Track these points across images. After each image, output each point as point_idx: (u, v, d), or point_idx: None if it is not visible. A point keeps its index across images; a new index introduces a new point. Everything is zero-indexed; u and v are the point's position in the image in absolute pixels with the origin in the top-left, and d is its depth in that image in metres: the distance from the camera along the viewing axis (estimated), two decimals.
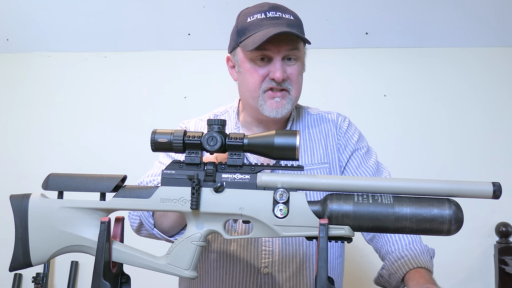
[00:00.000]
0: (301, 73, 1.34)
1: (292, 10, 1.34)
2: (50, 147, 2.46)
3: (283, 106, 1.30)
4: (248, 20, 1.29)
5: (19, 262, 0.99)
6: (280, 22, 1.27)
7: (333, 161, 1.37)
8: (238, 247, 1.30)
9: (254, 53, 1.28)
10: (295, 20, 1.31)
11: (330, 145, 1.39)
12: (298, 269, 1.30)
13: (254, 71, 1.29)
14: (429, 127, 2.37)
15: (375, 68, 2.40)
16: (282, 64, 1.28)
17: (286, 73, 1.28)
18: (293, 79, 1.30)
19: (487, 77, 2.37)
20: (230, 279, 1.30)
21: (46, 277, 2.26)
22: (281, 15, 1.29)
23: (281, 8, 1.31)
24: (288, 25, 1.27)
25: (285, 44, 1.27)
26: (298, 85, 1.33)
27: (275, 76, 1.26)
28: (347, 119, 1.45)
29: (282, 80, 1.27)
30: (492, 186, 0.94)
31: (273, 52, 1.27)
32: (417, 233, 0.95)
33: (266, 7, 1.30)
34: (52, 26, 2.42)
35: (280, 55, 1.27)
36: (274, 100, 1.29)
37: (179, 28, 2.40)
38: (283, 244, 1.30)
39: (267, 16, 1.28)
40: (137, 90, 2.47)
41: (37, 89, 2.51)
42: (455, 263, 2.28)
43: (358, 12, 2.31)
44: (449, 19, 2.31)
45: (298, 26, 1.30)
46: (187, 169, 0.98)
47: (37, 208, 0.98)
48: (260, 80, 1.29)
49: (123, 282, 1.04)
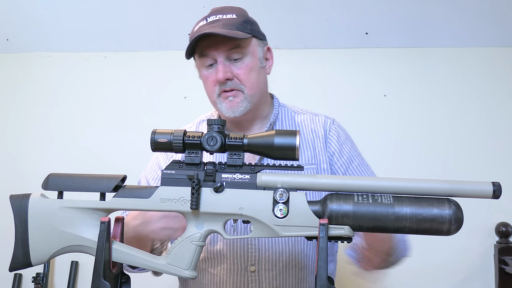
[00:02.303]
0: (253, 70, 1.32)
1: (241, 8, 1.35)
2: (50, 147, 2.46)
3: (237, 105, 1.31)
4: (194, 29, 1.32)
5: (19, 262, 0.99)
6: (216, 25, 1.28)
7: (321, 162, 1.37)
8: (225, 245, 1.30)
9: (201, 60, 1.31)
10: (237, 18, 1.30)
11: (318, 147, 1.39)
12: (285, 267, 1.31)
13: (206, 78, 1.33)
14: (429, 127, 2.37)
15: (375, 68, 2.40)
16: (227, 64, 1.29)
17: (232, 73, 1.30)
18: (241, 78, 1.30)
19: (487, 77, 2.37)
20: (217, 277, 1.31)
21: (46, 277, 2.26)
22: (221, 17, 1.30)
23: (224, 10, 1.32)
24: (225, 25, 1.27)
25: (222, 45, 1.28)
26: (250, 82, 1.31)
27: (217, 77, 1.29)
28: (335, 122, 1.45)
29: (226, 80, 1.29)
30: (492, 186, 0.94)
31: (213, 54, 1.29)
32: (417, 233, 0.95)
33: (210, 13, 1.33)
34: (52, 26, 2.42)
35: (221, 56, 1.28)
36: (228, 100, 1.31)
37: (179, 28, 2.39)
38: (270, 242, 1.30)
39: (207, 21, 1.30)
40: (137, 90, 2.47)
41: (37, 89, 2.51)
42: (455, 263, 2.28)
43: (358, 12, 2.31)
44: (449, 19, 2.31)
45: (239, 24, 1.29)
46: (187, 169, 0.98)
47: (37, 208, 0.98)
48: (212, 85, 1.32)
49: (123, 282, 1.04)
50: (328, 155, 1.39)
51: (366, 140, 2.11)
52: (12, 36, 2.48)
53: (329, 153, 1.39)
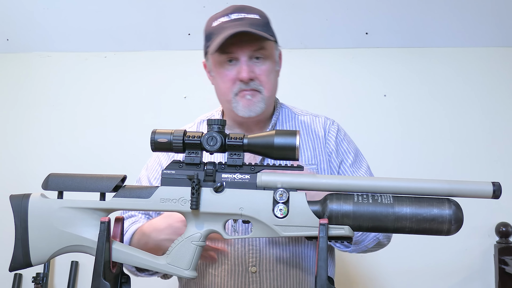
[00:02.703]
0: (272, 72, 1.33)
1: (260, 10, 1.34)
2: (50, 147, 2.46)
3: (255, 104, 1.30)
4: (213, 25, 1.31)
5: (19, 262, 0.99)
6: (242, 23, 1.27)
7: (321, 163, 1.37)
8: (226, 246, 1.30)
9: (221, 56, 1.29)
10: (261, 19, 1.30)
11: (318, 147, 1.39)
12: (286, 269, 1.31)
13: (224, 75, 1.31)
14: (429, 127, 2.37)
15: (375, 68, 2.40)
16: (250, 64, 1.29)
17: (254, 73, 1.29)
18: (262, 79, 1.30)
19: (487, 77, 2.37)
20: (218, 278, 1.31)
21: (46, 277, 2.26)
22: (245, 16, 1.29)
23: (246, 9, 1.31)
24: (251, 24, 1.27)
25: (248, 45, 1.27)
26: (269, 84, 1.32)
27: (241, 76, 1.27)
28: (335, 123, 1.45)
29: (249, 80, 1.28)
30: (492, 186, 0.94)
31: (238, 53, 1.28)
32: (417, 233, 0.95)
33: (231, 10, 1.31)
34: (52, 26, 2.42)
35: (245, 55, 1.28)
36: (246, 98, 1.30)
37: (179, 28, 2.39)
38: (271, 244, 1.30)
39: (231, 19, 1.28)
40: (137, 90, 2.47)
41: (37, 89, 2.50)
42: (455, 263, 2.28)
43: (358, 12, 2.31)
44: (449, 19, 2.31)
45: (263, 25, 1.30)
46: (187, 169, 0.98)
47: (37, 208, 0.98)
48: (230, 83, 1.30)
49: (123, 282, 1.04)
50: (327, 155, 1.39)
51: (366, 140, 2.11)
52: (12, 36, 2.48)
53: (328, 153, 1.39)
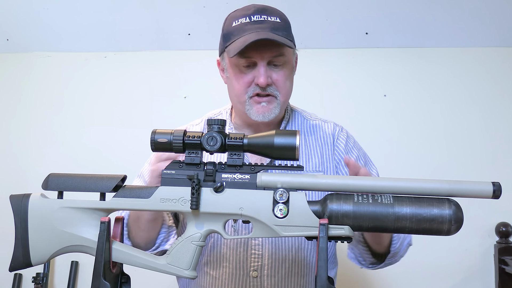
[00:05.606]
0: (288, 78, 1.32)
1: (280, 11, 1.32)
2: (50, 147, 2.46)
3: (269, 111, 1.29)
4: (233, 25, 1.28)
5: (19, 262, 0.99)
6: (263, 26, 1.25)
7: (327, 170, 1.36)
8: (228, 250, 1.29)
9: (239, 59, 1.27)
10: (281, 23, 1.28)
11: (326, 154, 1.38)
12: (288, 274, 1.30)
13: (239, 77, 1.29)
14: (429, 127, 2.37)
15: (375, 68, 2.40)
16: (268, 69, 1.27)
17: (271, 79, 1.27)
18: (279, 85, 1.29)
19: (487, 77, 2.37)
20: (218, 280, 1.30)
21: (46, 277, 2.26)
22: (266, 18, 1.27)
23: (267, 10, 1.29)
24: (272, 29, 1.25)
25: (268, 51, 1.25)
26: (285, 90, 1.31)
27: (259, 81, 1.26)
28: (344, 130, 1.44)
29: (266, 85, 1.27)
30: (492, 186, 0.94)
31: (257, 58, 1.26)
32: (417, 233, 0.95)
33: (252, 10, 1.28)
34: (52, 26, 2.42)
35: (264, 60, 1.26)
36: (261, 105, 1.28)
37: (179, 28, 2.40)
38: (273, 248, 1.29)
39: (252, 20, 1.26)
40: (137, 90, 2.47)
41: (37, 89, 2.50)
42: (455, 263, 2.28)
43: (358, 12, 2.31)
44: (449, 19, 2.31)
45: (284, 29, 1.28)
46: (187, 169, 0.98)
47: (37, 208, 0.98)
48: (245, 86, 1.28)
49: (123, 282, 1.04)
50: (335, 162, 1.38)
51: (366, 140, 2.10)
52: (12, 36, 2.48)
53: (336, 161, 1.38)
